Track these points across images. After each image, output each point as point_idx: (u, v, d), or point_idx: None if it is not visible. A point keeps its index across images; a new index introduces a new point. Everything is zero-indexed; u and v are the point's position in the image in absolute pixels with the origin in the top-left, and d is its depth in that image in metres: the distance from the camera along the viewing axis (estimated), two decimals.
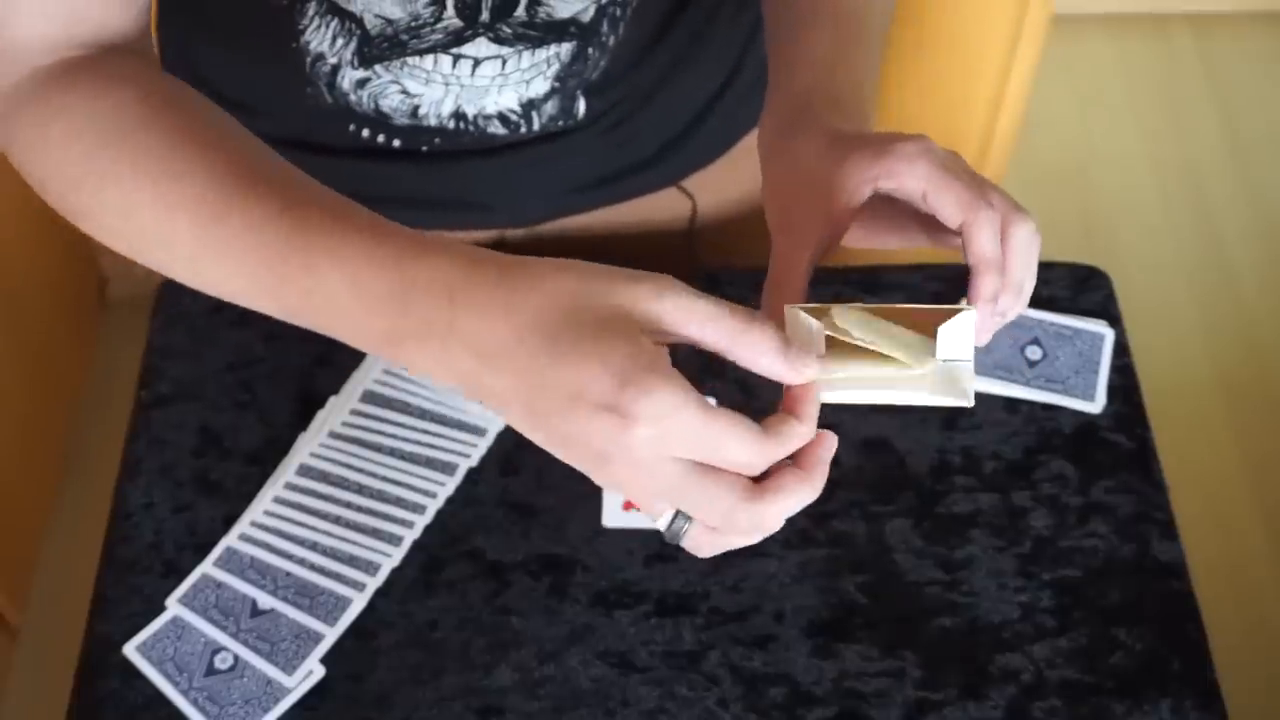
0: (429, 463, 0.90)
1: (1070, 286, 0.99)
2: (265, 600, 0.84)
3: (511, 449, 0.91)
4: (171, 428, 0.92)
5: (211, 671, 0.82)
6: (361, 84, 0.82)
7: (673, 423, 0.51)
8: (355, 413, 0.91)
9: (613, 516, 0.88)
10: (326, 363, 0.94)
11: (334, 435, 0.91)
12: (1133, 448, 0.91)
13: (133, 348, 1.00)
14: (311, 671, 0.82)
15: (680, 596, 0.85)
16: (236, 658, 0.82)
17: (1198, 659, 0.83)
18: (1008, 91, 1.63)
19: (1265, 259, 2.06)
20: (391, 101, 0.83)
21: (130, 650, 0.83)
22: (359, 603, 0.84)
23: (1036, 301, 0.96)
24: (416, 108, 0.84)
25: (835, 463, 0.89)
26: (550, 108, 0.87)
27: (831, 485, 0.88)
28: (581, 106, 0.89)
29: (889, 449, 0.91)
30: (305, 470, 0.89)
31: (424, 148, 0.89)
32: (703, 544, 0.57)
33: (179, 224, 0.60)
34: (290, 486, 0.88)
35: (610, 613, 0.85)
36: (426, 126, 0.86)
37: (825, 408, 0.59)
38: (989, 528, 0.88)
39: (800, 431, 0.55)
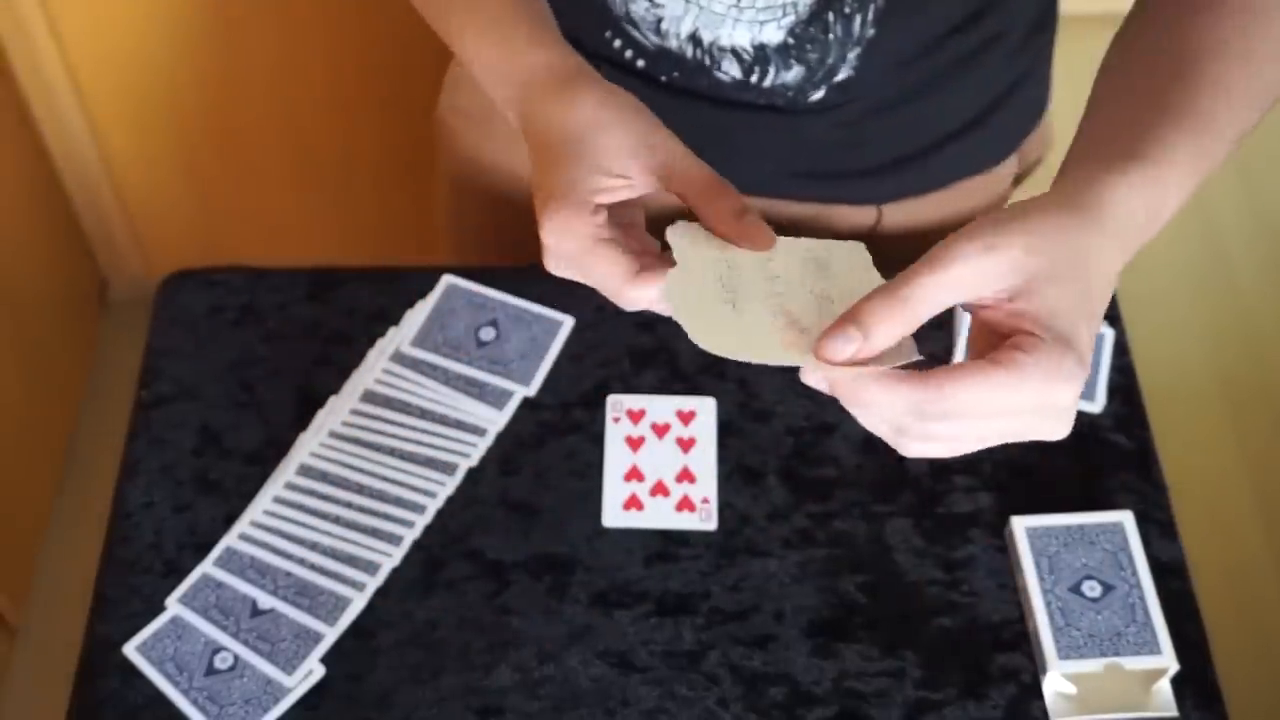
0: (429, 463, 0.90)
1: None
2: (265, 600, 0.84)
3: (511, 449, 0.91)
4: (171, 427, 0.92)
5: (211, 671, 0.82)
6: None
7: (559, 240, 0.67)
8: (355, 413, 0.91)
9: (613, 516, 0.88)
10: (326, 363, 0.94)
11: (334, 435, 0.91)
12: (1133, 448, 0.91)
13: (133, 348, 1.00)
14: (311, 671, 0.82)
15: (680, 596, 0.85)
16: (236, 657, 0.82)
17: (1198, 659, 0.83)
18: None
19: (1265, 259, 2.06)
20: (639, 8, 0.87)
21: (130, 650, 0.83)
22: (359, 603, 0.84)
23: None
24: (660, 20, 0.87)
25: (835, 463, 0.90)
26: (789, 75, 0.87)
27: (831, 485, 0.89)
28: (820, 93, 0.89)
29: (889, 449, 0.91)
30: (305, 470, 0.89)
31: (663, 77, 0.91)
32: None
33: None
34: (290, 486, 0.88)
35: (610, 612, 0.85)
36: (668, 51, 0.89)
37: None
38: (989, 528, 0.88)
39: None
